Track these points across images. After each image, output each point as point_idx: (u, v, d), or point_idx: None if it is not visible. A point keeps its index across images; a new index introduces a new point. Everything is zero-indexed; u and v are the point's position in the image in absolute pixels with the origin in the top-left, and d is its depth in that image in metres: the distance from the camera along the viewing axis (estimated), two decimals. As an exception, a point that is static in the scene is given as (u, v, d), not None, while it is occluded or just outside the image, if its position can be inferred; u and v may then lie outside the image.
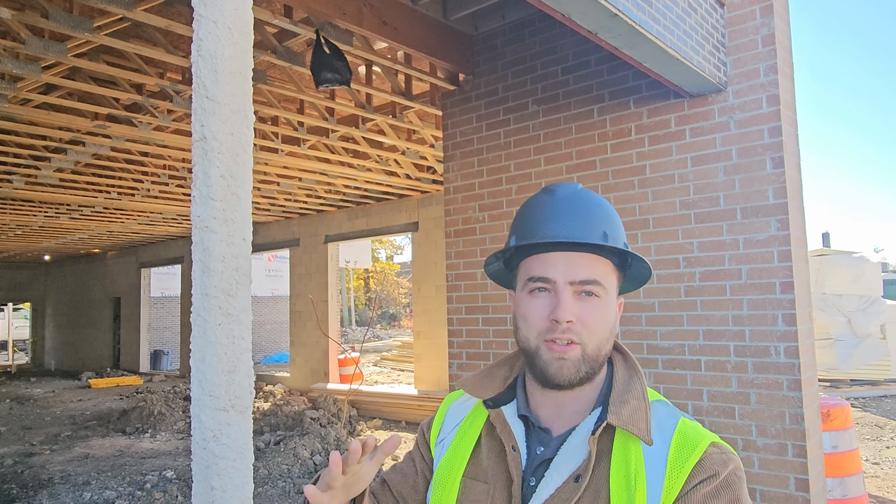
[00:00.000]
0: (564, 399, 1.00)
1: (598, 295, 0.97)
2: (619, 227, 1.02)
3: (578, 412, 1.00)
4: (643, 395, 0.98)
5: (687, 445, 0.91)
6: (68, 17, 4.08)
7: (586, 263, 0.97)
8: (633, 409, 0.95)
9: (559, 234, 0.96)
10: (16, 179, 8.62)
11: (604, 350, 0.98)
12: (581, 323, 0.95)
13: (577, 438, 0.96)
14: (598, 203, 1.02)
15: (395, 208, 11.51)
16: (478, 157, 4.86)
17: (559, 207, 0.99)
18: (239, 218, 1.43)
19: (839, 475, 4.26)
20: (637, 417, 0.94)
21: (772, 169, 3.50)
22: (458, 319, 4.87)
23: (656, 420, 0.96)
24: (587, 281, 0.96)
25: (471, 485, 1.01)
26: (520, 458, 0.98)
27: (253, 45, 1.53)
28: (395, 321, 37.79)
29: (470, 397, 1.12)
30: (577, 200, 1.01)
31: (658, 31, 3.01)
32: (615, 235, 0.99)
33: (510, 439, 1.00)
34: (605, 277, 0.98)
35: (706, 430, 0.96)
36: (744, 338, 3.55)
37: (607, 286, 0.98)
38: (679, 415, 0.98)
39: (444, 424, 1.13)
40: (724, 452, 0.92)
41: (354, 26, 4.10)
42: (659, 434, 0.94)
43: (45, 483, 6.68)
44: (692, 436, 0.93)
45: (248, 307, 1.46)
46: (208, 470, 1.37)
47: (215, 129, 1.40)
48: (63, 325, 22.74)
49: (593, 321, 0.96)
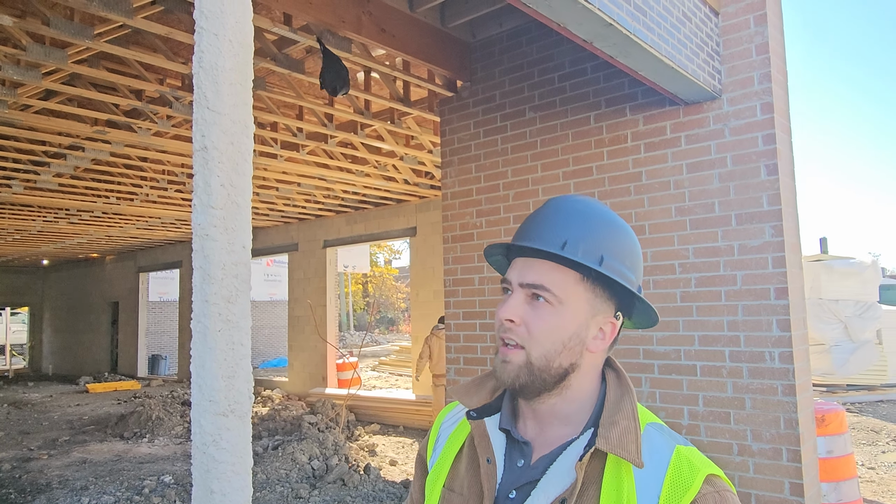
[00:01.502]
0: (539, 410, 0.99)
1: (549, 302, 0.94)
2: (598, 241, 0.96)
3: (561, 426, 0.99)
4: (633, 415, 0.95)
5: (682, 483, 0.88)
6: (69, 24, 4.12)
7: (540, 269, 0.96)
8: (623, 430, 0.92)
9: (525, 240, 0.98)
10: (15, 184, 8.65)
11: (555, 363, 0.94)
12: (525, 327, 0.95)
13: (565, 461, 0.94)
14: (583, 214, 0.98)
15: (394, 213, 11.54)
16: (475, 163, 4.89)
17: (541, 215, 1.00)
18: (239, 226, 1.46)
19: (834, 480, 4.28)
20: (626, 440, 0.91)
21: (766, 176, 3.54)
22: (455, 325, 4.90)
23: (649, 445, 0.93)
24: (534, 285, 0.95)
25: (448, 496, 1.00)
26: (494, 471, 0.97)
27: (252, 53, 1.56)
28: (393, 326, 37.77)
29: (460, 409, 1.12)
30: (559, 209, 0.99)
31: (653, 40, 3.05)
32: (583, 247, 0.94)
33: (486, 451, 0.99)
34: (559, 286, 0.94)
35: (702, 459, 0.93)
36: (739, 343, 3.58)
37: (561, 295, 0.94)
38: (675, 442, 0.95)
39: (438, 440, 1.12)
40: (718, 491, 0.89)
41: (353, 34, 4.14)
42: (652, 463, 0.91)
43: (43, 488, 6.68)
44: (687, 471, 0.89)
45: (248, 313, 1.49)
46: (208, 474, 1.39)
47: (216, 139, 1.43)
48: (61, 330, 22.72)
49: (536, 327, 0.94)
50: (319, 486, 6.35)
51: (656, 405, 3.85)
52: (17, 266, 22.41)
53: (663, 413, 3.82)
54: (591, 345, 0.98)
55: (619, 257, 0.97)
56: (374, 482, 6.46)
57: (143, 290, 18.36)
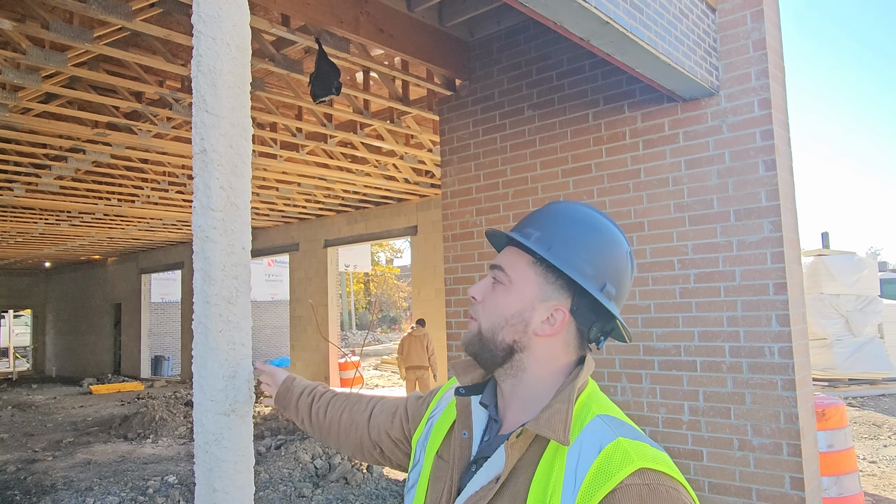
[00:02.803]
0: (504, 390, 1.06)
1: (501, 281, 1.05)
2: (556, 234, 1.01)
3: (522, 410, 1.03)
4: (568, 398, 0.95)
5: (607, 471, 0.85)
6: (68, 27, 4.13)
7: (505, 254, 1.08)
8: (553, 412, 0.93)
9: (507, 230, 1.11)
10: (16, 187, 8.68)
11: (498, 336, 1.03)
12: (483, 303, 1.06)
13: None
14: (560, 214, 1.06)
15: (394, 212, 11.56)
16: (475, 161, 4.90)
17: (533, 212, 1.11)
18: (238, 228, 1.48)
19: (835, 474, 4.30)
20: (554, 420, 0.91)
21: (764, 171, 3.55)
22: (456, 323, 4.91)
23: (590, 433, 0.92)
24: (494, 265, 1.07)
25: (438, 462, 1.09)
26: (469, 444, 1.05)
27: (251, 54, 1.57)
28: (395, 324, 37.80)
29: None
30: (549, 209, 1.09)
31: (649, 37, 3.06)
32: (537, 236, 1.02)
33: (464, 425, 1.07)
34: (511, 266, 1.05)
35: (646, 454, 0.88)
36: (738, 339, 3.59)
37: (511, 275, 1.04)
38: (619, 433, 0.91)
39: (441, 400, 1.22)
40: (648, 483, 0.84)
41: (351, 34, 4.15)
42: (585, 449, 0.90)
43: (48, 489, 6.71)
44: (617, 460, 0.86)
45: (248, 314, 1.51)
46: (210, 473, 1.41)
47: (215, 141, 1.45)
48: (64, 332, 22.78)
49: (489, 302, 1.05)
50: (322, 485, 6.37)
51: (657, 401, 3.87)
52: (19, 268, 22.46)
53: (664, 409, 3.84)
54: (537, 328, 1.01)
55: (575, 249, 1.00)
56: (377, 480, 6.48)
57: (146, 291, 18.40)
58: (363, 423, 1.37)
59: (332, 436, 1.42)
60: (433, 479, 1.08)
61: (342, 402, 1.44)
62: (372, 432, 1.34)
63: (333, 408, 1.43)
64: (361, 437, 1.36)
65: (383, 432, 1.32)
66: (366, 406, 1.40)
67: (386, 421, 1.33)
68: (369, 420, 1.36)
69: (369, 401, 1.42)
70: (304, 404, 1.48)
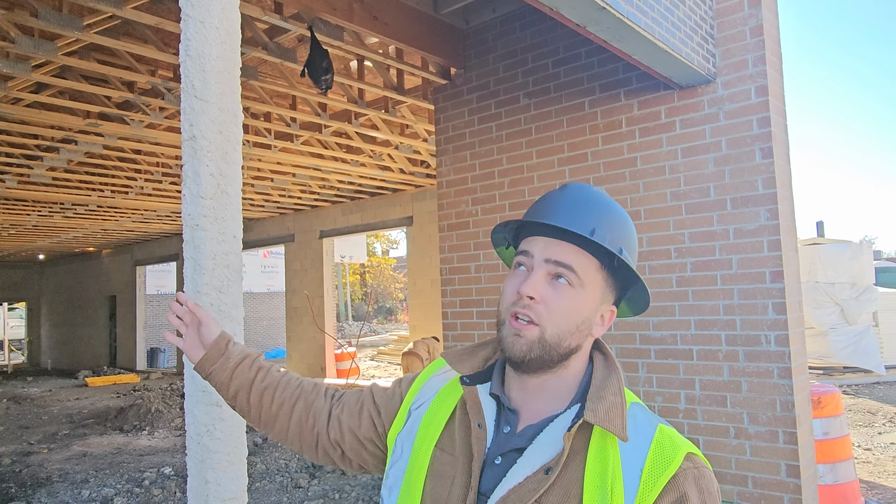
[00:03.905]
0: (530, 384, 1.02)
1: (571, 283, 0.98)
2: (618, 233, 1.01)
3: (549, 401, 1.02)
4: (620, 391, 0.98)
5: (663, 458, 0.92)
6: (58, 15, 4.07)
7: (567, 250, 0.99)
8: (610, 405, 0.95)
9: (551, 219, 1.00)
10: (8, 179, 8.60)
11: (565, 342, 0.98)
12: (545, 305, 0.97)
13: (552, 431, 0.97)
14: (605, 204, 1.03)
15: (390, 203, 11.52)
16: (470, 150, 4.87)
17: (563, 199, 1.03)
18: (229, 216, 1.45)
19: (830, 461, 4.31)
20: (613, 414, 0.94)
21: (761, 159, 3.53)
22: (452, 313, 4.90)
23: (634, 422, 0.97)
24: (560, 262, 0.98)
25: (440, 455, 1.04)
26: (485, 436, 1.01)
27: (243, 42, 1.54)
28: (391, 315, 37.82)
29: (450, 369, 1.14)
30: (583, 196, 1.03)
31: (646, 23, 3.03)
32: (609, 237, 0.99)
33: (477, 417, 1.02)
34: (582, 269, 0.98)
35: (683, 439, 0.97)
36: (735, 327, 3.58)
37: (583, 279, 0.98)
38: (656, 421, 0.99)
39: (423, 390, 1.15)
40: (697, 467, 0.93)
41: (345, 21, 4.11)
42: (636, 438, 0.95)
43: (44, 481, 6.70)
44: (668, 447, 0.94)
45: (240, 303, 1.48)
46: (202, 464, 1.39)
47: (204, 128, 1.42)
48: (59, 324, 22.70)
49: (557, 306, 0.97)
50: (319, 476, 6.37)
51: (653, 390, 3.86)
52: (13, 261, 22.35)
53: (660, 398, 3.83)
54: (594, 329, 1.03)
55: (630, 249, 1.03)
56: (373, 471, 6.48)
57: (141, 283, 18.34)
58: (322, 419, 1.20)
59: (277, 425, 1.21)
60: (434, 474, 1.02)
61: (295, 389, 1.22)
62: (332, 431, 1.19)
63: (285, 392, 1.21)
64: (318, 434, 1.19)
65: (346, 431, 1.17)
66: (324, 399, 1.23)
67: (350, 418, 1.18)
68: (329, 417, 1.20)
69: (325, 392, 1.25)
70: (243, 376, 1.20)
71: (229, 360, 1.20)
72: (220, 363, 1.20)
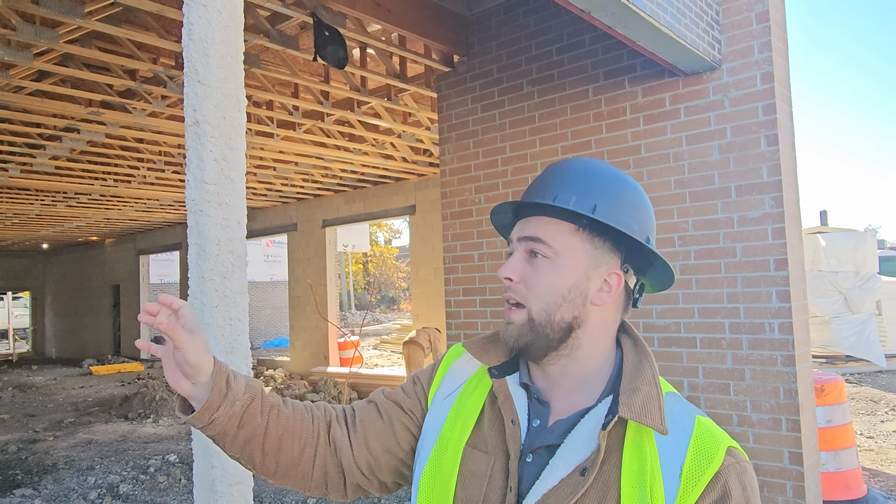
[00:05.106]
0: (551, 372, 0.98)
1: (546, 255, 0.94)
2: (594, 191, 0.94)
3: (577, 391, 0.97)
4: (654, 380, 0.93)
5: (705, 454, 0.87)
6: (59, 2, 4.05)
7: (536, 223, 0.96)
8: (646, 397, 0.90)
9: (523, 197, 0.99)
10: (11, 168, 8.60)
11: (556, 315, 0.93)
12: (524, 283, 0.95)
13: (585, 428, 0.91)
14: (580, 170, 0.98)
15: (393, 191, 11.50)
16: (473, 138, 4.85)
17: (539, 177, 1.01)
18: (233, 201, 1.45)
19: (833, 449, 4.32)
20: (650, 407, 0.89)
21: (766, 146, 3.51)
22: (455, 301, 4.90)
23: (670, 414, 0.91)
24: (529, 237, 0.96)
25: (472, 454, 0.97)
26: (519, 432, 0.95)
27: (245, 29, 1.53)
28: (394, 304, 37.87)
29: (472, 358, 1.07)
30: (561, 168, 1.00)
31: (651, 9, 3.00)
32: (575, 198, 0.93)
33: (510, 412, 0.97)
34: (553, 237, 0.94)
35: (721, 431, 0.93)
36: (738, 315, 3.58)
37: (556, 247, 0.94)
38: (694, 412, 0.94)
39: (446, 380, 1.08)
40: (739, 462, 0.88)
41: (347, 8, 4.08)
42: (674, 431, 0.89)
43: (50, 468, 6.75)
44: (709, 442, 0.89)
45: (245, 289, 1.48)
46: (208, 449, 1.39)
47: (208, 113, 1.41)
48: (63, 313, 22.78)
49: (535, 281, 0.94)
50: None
51: (656, 378, 3.87)
52: (17, 250, 22.39)
53: (663, 385, 3.84)
54: (595, 297, 0.96)
55: (618, 206, 0.95)
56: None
57: (144, 272, 18.37)
58: (347, 451, 1.04)
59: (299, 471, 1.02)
60: (467, 474, 0.96)
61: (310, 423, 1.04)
62: (361, 461, 1.03)
63: (303, 431, 1.02)
64: (347, 470, 1.04)
65: (382, 454, 1.04)
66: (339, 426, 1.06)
67: (384, 439, 1.05)
68: (351, 446, 1.04)
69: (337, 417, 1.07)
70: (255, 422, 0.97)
71: (235, 404, 0.94)
72: (223, 409, 0.92)
